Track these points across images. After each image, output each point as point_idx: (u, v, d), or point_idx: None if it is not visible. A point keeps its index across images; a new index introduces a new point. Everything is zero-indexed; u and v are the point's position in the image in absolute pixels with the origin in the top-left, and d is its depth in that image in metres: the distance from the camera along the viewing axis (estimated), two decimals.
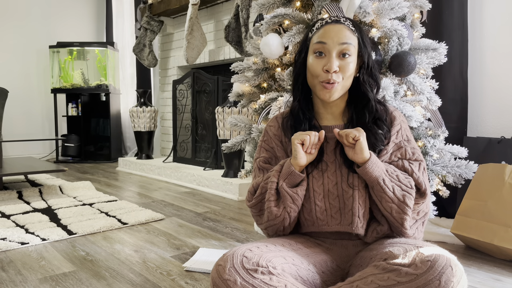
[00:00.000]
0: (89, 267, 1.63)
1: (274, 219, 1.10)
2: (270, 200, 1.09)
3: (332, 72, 1.06)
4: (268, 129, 1.22)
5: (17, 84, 5.02)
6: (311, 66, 1.10)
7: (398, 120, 1.15)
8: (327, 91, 1.08)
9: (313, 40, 1.11)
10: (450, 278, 0.83)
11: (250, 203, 1.16)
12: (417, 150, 1.14)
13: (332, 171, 1.10)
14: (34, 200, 2.76)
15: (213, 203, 2.76)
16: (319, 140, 1.08)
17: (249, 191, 1.17)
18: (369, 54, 1.13)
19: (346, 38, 1.07)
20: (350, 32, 1.09)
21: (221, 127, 3.19)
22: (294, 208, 1.08)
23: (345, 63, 1.07)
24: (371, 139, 1.10)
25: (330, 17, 1.12)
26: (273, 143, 1.20)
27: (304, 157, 1.07)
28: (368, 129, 1.11)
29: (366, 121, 1.12)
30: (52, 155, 5.31)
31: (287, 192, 1.07)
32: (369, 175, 1.04)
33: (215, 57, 3.80)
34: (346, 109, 1.17)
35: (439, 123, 1.84)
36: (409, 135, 1.16)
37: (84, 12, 5.55)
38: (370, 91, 1.13)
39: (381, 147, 1.11)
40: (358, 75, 1.14)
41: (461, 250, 1.81)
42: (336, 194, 1.08)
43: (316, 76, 1.09)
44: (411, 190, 1.06)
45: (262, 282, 0.88)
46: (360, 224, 1.06)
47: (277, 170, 1.11)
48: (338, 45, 1.07)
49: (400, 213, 1.04)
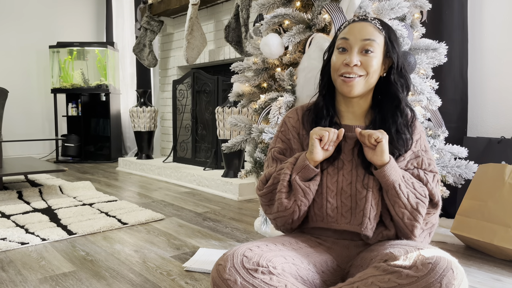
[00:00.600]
0: (89, 267, 1.63)
1: (284, 211, 1.09)
2: (282, 191, 1.09)
3: (352, 65, 1.06)
4: (286, 120, 1.21)
5: (17, 84, 5.02)
6: (333, 62, 1.12)
7: (419, 129, 1.16)
8: (347, 85, 1.08)
9: (339, 37, 1.13)
10: (451, 281, 0.83)
11: (261, 192, 1.15)
12: (433, 162, 1.13)
13: (348, 170, 1.10)
14: (34, 200, 2.76)
15: (213, 203, 2.76)
16: (338, 138, 1.08)
17: (260, 180, 1.16)
18: (399, 54, 1.12)
19: (369, 34, 1.07)
20: (376, 30, 1.09)
21: (221, 127, 3.19)
22: (305, 202, 1.08)
23: (367, 58, 1.07)
24: (397, 142, 1.09)
25: (358, 15, 1.14)
26: (290, 135, 1.19)
27: (320, 152, 1.07)
28: (397, 131, 1.10)
29: (397, 122, 1.10)
30: (52, 155, 5.31)
31: (299, 186, 1.07)
32: (386, 178, 1.03)
33: (215, 57, 3.80)
34: (370, 111, 1.16)
35: (439, 123, 1.84)
36: (427, 145, 1.16)
37: (84, 12, 5.55)
38: (401, 92, 1.12)
39: (402, 152, 1.10)
40: (388, 75, 1.13)
41: (461, 250, 1.81)
42: (349, 193, 1.08)
43: (337, 70, 1.10)
44: (425, 199, 1.06)
45: (262, 281, 0.89)
46: (370, 226, 1.06)
47: (292, 162, 1.10)
48: (360, 41, 1.07)
49: (412, 220, 1.04)
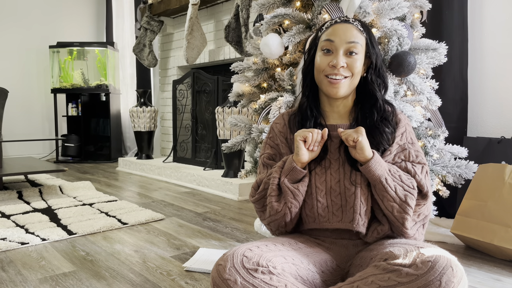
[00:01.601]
0: (89, 267, 1.63)
1: (275, 214, 1.11)
2: (272, 195, 1.11)
3: (339, 67, 1.09)
4: (274, 126, 1.24)
5: (17, 84, 5.02)
6: (318, 63, 1.13)
7: (404, 123, 1.17)
8: (333, 86, 1.10)
9: (322, 38, 1.14)
10: (451, 278, 0.83)
11: (254, 198, 1.17)
12: (420, 153, 1.15)
13: (335, 168, 1.11)
14: (34, 200, 2.76)
15: (213, 203, 2.76)
16: (322, 138, 1.10)
17: (253, 187, 1.19)
18: (377, 55, 1.15)
19: (353, 37, 1.10)
20: (358, 32, 1.11)
21: (221, 127, 3.19)
22: (295, 204, 1.09)
23: (352, 60, 1.10)
24: (377, 138, 1.11)
25: (340, 17, 1.15)
26: (278, 140, 1.21)
27: (306, 154, 1.08)
28: (375, 127, 1.12)
29: (374, 119, 1.13)
30: (52, 155, 5.31)
31: (288, 188, 1.08)
32: (372, 173, 1.05)
33: (215, 57, 3.80)
34: (353, 109, 1.19)
35: (439, 123, 1.84)
36: (413, 138, 1.18)
37: (84, 12, 5.55)
38: (378, 90, 1.16)
39: (386, 146, 1.12)
40: (366, 75, 1.17)
41: (461, 250, 1.81)
42: (338, 191, 1.09)
43: (322, 71, 1.11)
44: (413, 190, 1.07)
45: (262, 281, 0.89)
46: (361, 221, 1.07)
47: (280, 166, 1.12)
48: (345, 43, 1.09)
49: (402, 212, 1.05)
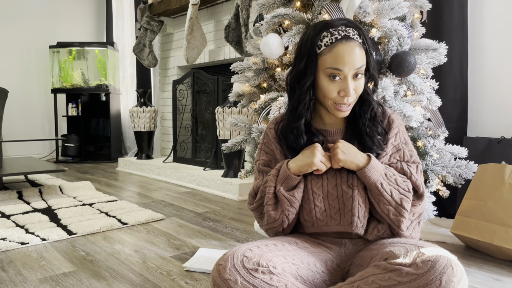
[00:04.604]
0: (89, 267, 1.63)
1: (273, 222, 1.13)
2: (269, 204, 1.12)
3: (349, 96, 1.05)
4: (268, 132, 1.22)
5: (17, 84, 5.02)
6: (325, 89, 1.06)
7: (396, 123, 1.17)
8: (341, 111, 1.08)
9: (326, 61, 1.04)
10: (451, 278, 0.83)
11: (252, 207, 1.18)
12: (414, 153, 1.16)
13: (332, 173, 1.11)
14: (34, 200, 2.76)
15: (213, 203, 2.76)
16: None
17: (250, 194, 1.19)
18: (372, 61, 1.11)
19: (360, 61, 1.04)
20: (360, 47, 1.05)
21: (221, 127, 3.19)
22: (292, 211, 1.10)
23: (358, 83, 1.07)
24: (367, 144, 1.11)
25: (338, 32, 1.04)
26: (272, 146, 1.20)
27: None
28: (366, 134, 1.12)
29: (365, 123, 1.12)
30: (52, 155, 5.31)
31: (284, 196, 1.09)
32: (367, 179, 1.05)
33: (215, 57, 3.80)
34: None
35: (439, 123, 1.84)
36: (406, 137, 1.17)
37: (84, 12, 5.55)
38: (371, 94, 1.14)
39: (378, 151, 1.11)
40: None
41: (461, 250, 1.81)
42: (336, 195, 1.10)
43: (330, 98, 1.07)
44: (408, 193, 1.07)
45: (262, 281, 0.89)
46: (360, 224, 1.07)
47: (274, 174, 1.12)
48: (354, 69, 1.04)
49: (397, 215, 1.06)
